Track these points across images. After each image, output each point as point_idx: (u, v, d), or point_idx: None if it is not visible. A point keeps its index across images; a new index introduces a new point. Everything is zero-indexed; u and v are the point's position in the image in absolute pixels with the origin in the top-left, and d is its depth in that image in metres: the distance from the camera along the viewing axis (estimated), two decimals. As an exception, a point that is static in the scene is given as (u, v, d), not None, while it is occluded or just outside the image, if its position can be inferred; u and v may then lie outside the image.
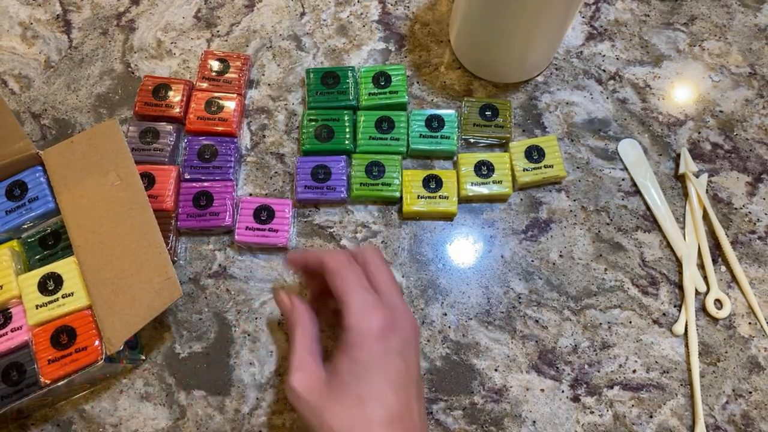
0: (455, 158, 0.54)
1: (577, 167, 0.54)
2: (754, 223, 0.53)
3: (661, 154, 0.55)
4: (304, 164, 0.52)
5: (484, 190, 0.51)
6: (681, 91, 0.58)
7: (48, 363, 0.41)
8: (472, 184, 0.51)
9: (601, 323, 0.49)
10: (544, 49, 0.54)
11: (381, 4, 0.61)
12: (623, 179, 0.54)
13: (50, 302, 0.43)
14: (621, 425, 0.46)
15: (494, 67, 0.56)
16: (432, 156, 0.54)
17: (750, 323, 0.49)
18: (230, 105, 0.53)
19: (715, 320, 0.49)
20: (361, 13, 0.60)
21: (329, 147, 0.52)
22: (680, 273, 0.50)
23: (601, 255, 0.51)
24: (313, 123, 0.53)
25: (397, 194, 0.51)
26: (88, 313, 0.43)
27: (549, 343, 0.48)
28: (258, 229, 0.49)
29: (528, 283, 0.50)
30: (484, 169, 0.52)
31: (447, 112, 0.54)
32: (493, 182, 0.51)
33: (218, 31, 0.59)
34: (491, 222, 0.52)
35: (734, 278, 0.51)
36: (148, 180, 0.50)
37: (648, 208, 0.53)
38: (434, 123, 0.54)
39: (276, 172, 0.54)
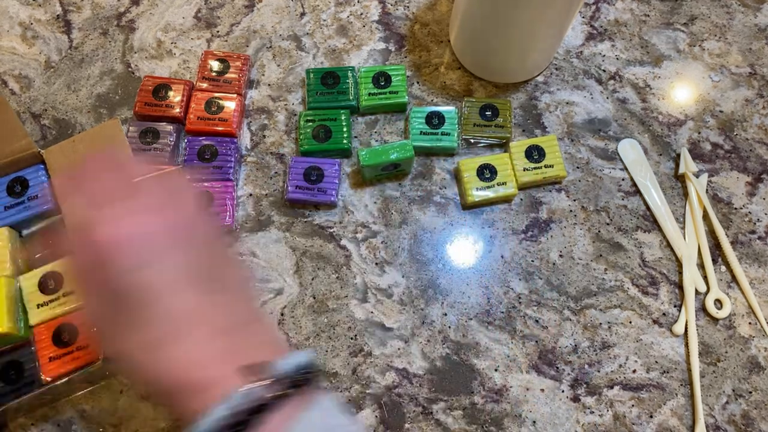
0: (456, 163, 0.54)
1: (577, 167, 0.54)
2: (754, 223, 0.53)
3: (661, 154, 0.55)
4: (297, 164, 0.52)
5: (490, 194, 0.51)
6: (681, 91, 0.58)
7: (49, 360, 0.41)
8: (477, 189, 0.51)
9: (601, 323, 0.49)
10: (544, 49, 0.54)
11: (381, 4, 0.61)
12: (623, 179, 0.54)
13: (51, 301, 0.43)
14: (621, 425, 0.46)
15: (494, 67, 0.56)
16: (433, 153, 0.54)
17: (750, 323, 0.49)
18: (230, 105, 0.53)
19: (715, 320, 0.49)
20: (361, 14, 0.60)
21: (327, 147, 0.53)
22: (680, 273, 0.50)
23: (601, 255, 0.51)
24: (311, 123, 0.53)
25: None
26: (89, 313, 0.43)
27: (549, 343, 0.48)
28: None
29: (528, 283, 0.50)
30: (486, 173, 0.52)
31: (447, 109, 0.54)
32: (498, 184, 0.51)
33: (218, 31, 0.59)
34: (491, 222, 0.52)
35: (734, 278, 0.51)
36: (148, 180, 0.50)
37: (648, 208, 0.53)
38: (434, 120, 0.54)
39: (276, 172, 0.54)
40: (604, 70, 0.58)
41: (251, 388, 0.28)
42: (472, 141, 0.54)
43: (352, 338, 0.48)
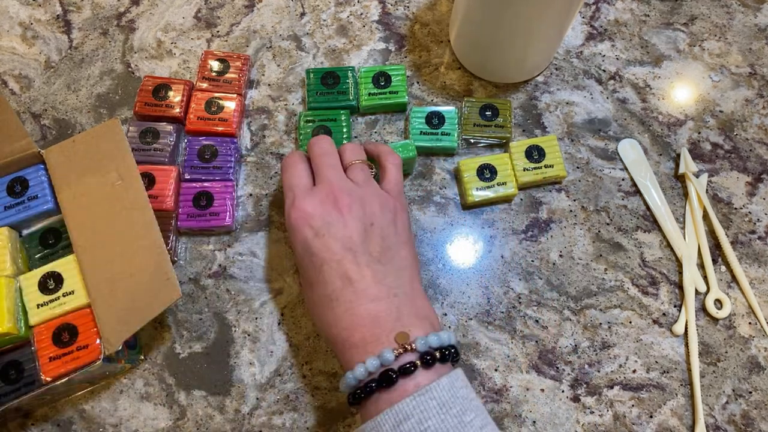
0: (456, 163, 0.54)
1: (577, 167, 0.54)
2: (754, 223, 0.53)
3: (661, 154, 0.55)
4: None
5: (490, 194, 0.51)
6: (681, 91, 0.58)
7: (49, 360, 0.41)
8: (477, 189, 0.51)
9: (601, 323, 0.49)
10: (544, 49, 0.54)
11: (381, 4, 0.61)
12: (623, 179, 0.54)
13: (51, 301, 0.43)
14: (621, 425, 0.46)
15: (494, 67, 0.56)
16: (433, 153, 0.54)
17: (750, 323, 0.49)
18: (230, 105, 0.53)
19: (715, 320, 0.49)
20: (361, 14, 0.60)
21: (329, 147, 0.53)
22: (680, 273, 0.50)
23: (601, 255, 0.51)
24: (311, 124, 0.53)
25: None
26: (90, 311, 0.43)
27: (549, 343, 0.48)
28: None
29: (528, 283, 0.50)
30: (486, 173, 0.52)
31: (447, 109, 0.54)
32: (498, 184, 0.51)
33: (218, 31, 0.59)
34: (491, 222, 0.52)
35: (734, 278, 0.51)
36: (149, 180, 0.50)
37: (648, 208, 0.53)
38: (434, 120, 0.54)
39: (276, 172, 0.54)
40: (604, 70, 0.58)
41: (401, 353, 0.35)
42: (472, 141, 0.54)
43: (352, 338, 0.48)
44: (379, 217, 0.41)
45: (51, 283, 0.43)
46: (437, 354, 0.35)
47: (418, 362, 0.34)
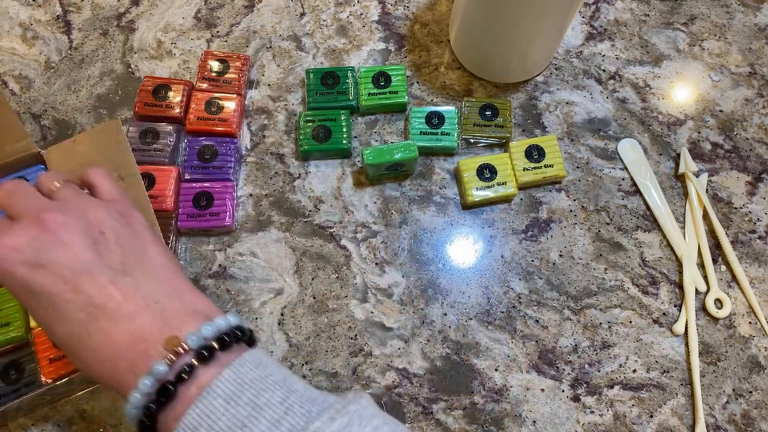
0: (456, 163, 0.54)
1: (577, 167, 0.54)
2: (754, 223, 0.53)
3: (661, 154, 0.55)
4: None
5: (490, 194, 0.51)
6: (681, 91, 0.58)
7: (49, 362, 0.41)
8: (477, 189, 0.51)
9: (601, 323, 0.49)
10: (544, 49, 0.54)
11: (381, 4, 0.61)
12: (623, 179, 0.54)
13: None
14: (621, 425, 0.46)
15: (494, 67, 0.56)
16: (433, 153, 0.54)
17: (750, 323, 0.49)
18: (230, 105, 0.53)
19: (715, 320, 0.49)
20: (361, 14, 0.61)
21: (327, 147, 0.53)
22: (680, 273, 0.50)
23: (601, 255, 0.51)
24: (310, 123, 0.53)
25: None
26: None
27: (549, 343, 0.48)
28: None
29: (528, 283, 0.50)
30: (486, 173, 0.52)
31: (447, 109, 0.54)
32: (498, 184, 0.51)
33: (218, 32, 0.59)
34: (491, 222, 0.52)
35: (734, 278, 0.51)
36: (149, 180, 0.50)
37: (648, 207, 0.53)
38: (434, 120, 0.54)
39: (276, 173, 0.54)
40: (604, 70, 0.58)
41: (173, 359, 0.30)
42: (472, 141, 0.54)
43: (352, 338, 0.48)
44: (109, 222, 0.35)
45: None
46: (215, 344, 0.31)
47: (195, 361, 0.30)
